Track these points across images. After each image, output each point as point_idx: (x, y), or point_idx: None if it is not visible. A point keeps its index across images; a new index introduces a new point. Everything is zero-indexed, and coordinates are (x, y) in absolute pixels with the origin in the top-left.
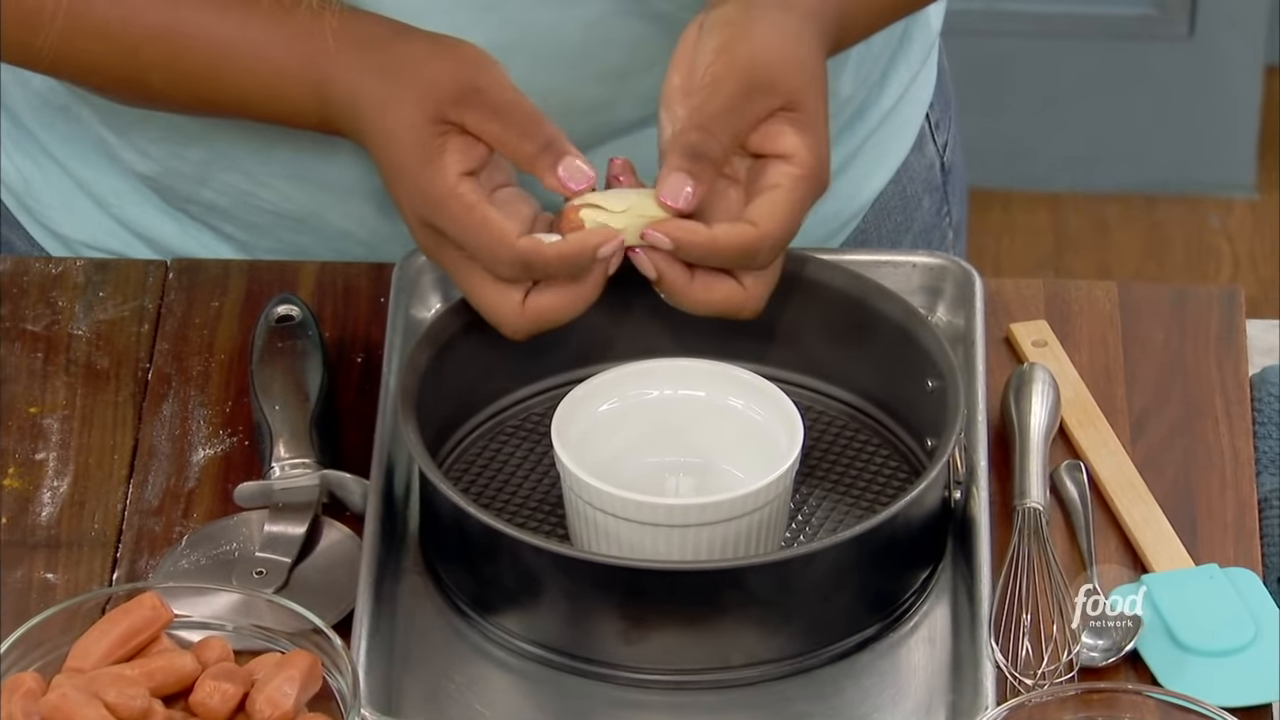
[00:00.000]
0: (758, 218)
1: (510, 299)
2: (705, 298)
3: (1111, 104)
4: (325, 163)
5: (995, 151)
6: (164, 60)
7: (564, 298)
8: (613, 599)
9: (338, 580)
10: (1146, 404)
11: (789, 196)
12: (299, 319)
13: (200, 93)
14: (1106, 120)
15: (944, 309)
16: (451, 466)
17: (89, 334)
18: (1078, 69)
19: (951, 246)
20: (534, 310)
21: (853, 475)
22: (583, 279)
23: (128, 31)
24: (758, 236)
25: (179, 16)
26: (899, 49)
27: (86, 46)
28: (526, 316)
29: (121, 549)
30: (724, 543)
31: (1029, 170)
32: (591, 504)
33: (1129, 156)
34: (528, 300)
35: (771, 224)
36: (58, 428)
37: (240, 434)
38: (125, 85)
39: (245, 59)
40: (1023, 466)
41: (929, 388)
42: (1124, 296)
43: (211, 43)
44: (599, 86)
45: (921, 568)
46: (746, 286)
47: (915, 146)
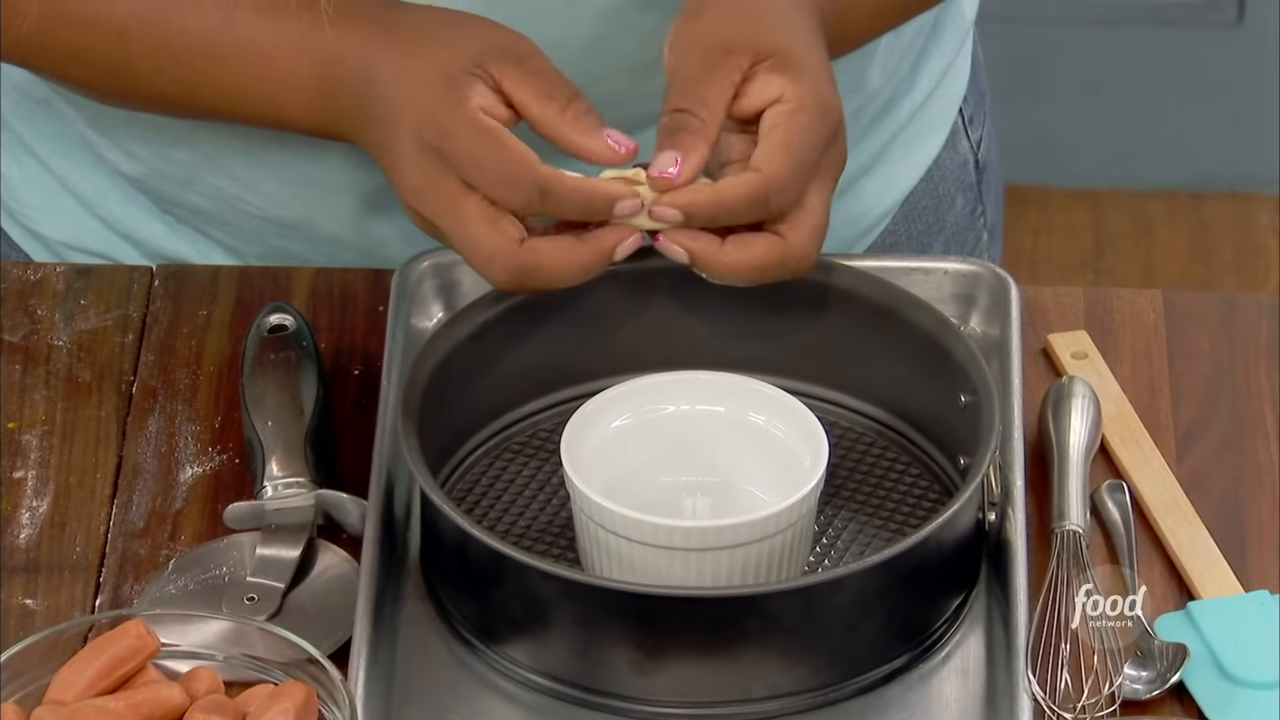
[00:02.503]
0: (761, 162)
1: (507, 233)
2: (745, 259)
3: (1155, 95)
4: (316, 166)
5: (1031, 145)
6: (152, 46)
7: (563, 251)
8: (625, 627)
9: (334, 607)
10: (1193, 419)
11: (787, 132)
12: (293, 329)
13: (190, 79)
14: (1150, 112)
15: (978, 319)
16: (455, 486)
17: (70, 344)
18: (1119, 57)
19: (986, 249)
20: (530, 251)
21: (881, 496)
22: (587, 240)
23: (114, 16)
24: (763, 180)
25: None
26: (930, 38)
27: (70, 36)
28: (519, 257)
29: (105, 573)
30: (744, 568)
31: (1067, 165)
32: (603, 526)
33: (1174, 151)
34: (527, 241)
35: (774, 164)
36: (37, 444)
37: (230, 451)
38: (111, 76)
39: (239, 39)
40: (1061, 486)
41: (962, 403)
42: (1169, 305)
43: (202, 24)
44: (614, 81)
45: (954, 594)
46: (785, 235)
47: (948, 143)
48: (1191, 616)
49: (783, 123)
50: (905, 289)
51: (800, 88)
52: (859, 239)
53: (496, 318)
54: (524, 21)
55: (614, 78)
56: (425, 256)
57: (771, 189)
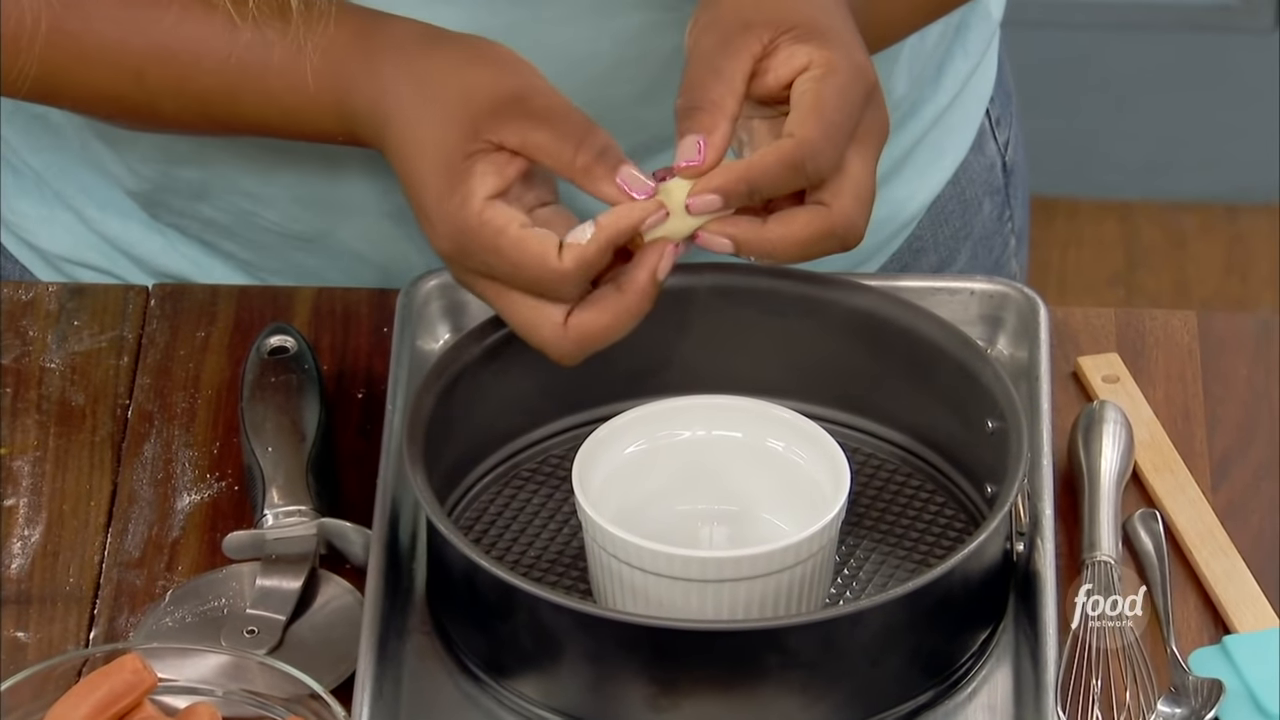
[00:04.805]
0: (793, 127)
1: (550, 319)
2: (790, 233)
3: (1189, 102)
4: (333, 183)
5: (1060, 155)
6: (173, 85)
7: (608, 312)
8: (639, 662)
9: (337, 640)
10: (1229, 446)
11: (817, 95)
12: (294, 350)
13: (215, 115)
14: (1183, 120)
15: (1005, 341)
16: (462, 515)
17: (63, 367)
18: (1152, 64)
19: (1014, 255)
20: (577, 329)
21: (904, 525)
22: (625, 286)
23: (129, 54)
24: (795, 144)
25: (183, 34)
26: (955, 39)
27: (89, 74)
28: (570, 337)
29: (99, 605)
30: (763, 600)
31: (1097, 176)
32: (616, 556)
33: (1208, 161)
34: (570, 319)
35: (807, 128)
36: (29, 471)
37: (229, 478)
38: (137, 113)
39: (259, 78)
40: (1092, 516)
41: (989, 429)
42: (1204, 327)
43: (223, 63)
44: (634, 105)
45: (980, 628)
46: (828, 203)
47: (975, 145)
48: (1227, 651)
49: (811, 87)
50: (930, 310)
51: (829, 52)
52: (885, 244)
53: (505, 340)
54: (544, 51)
55: (631, 103)
56: (431, 276)
57: (806, 153)
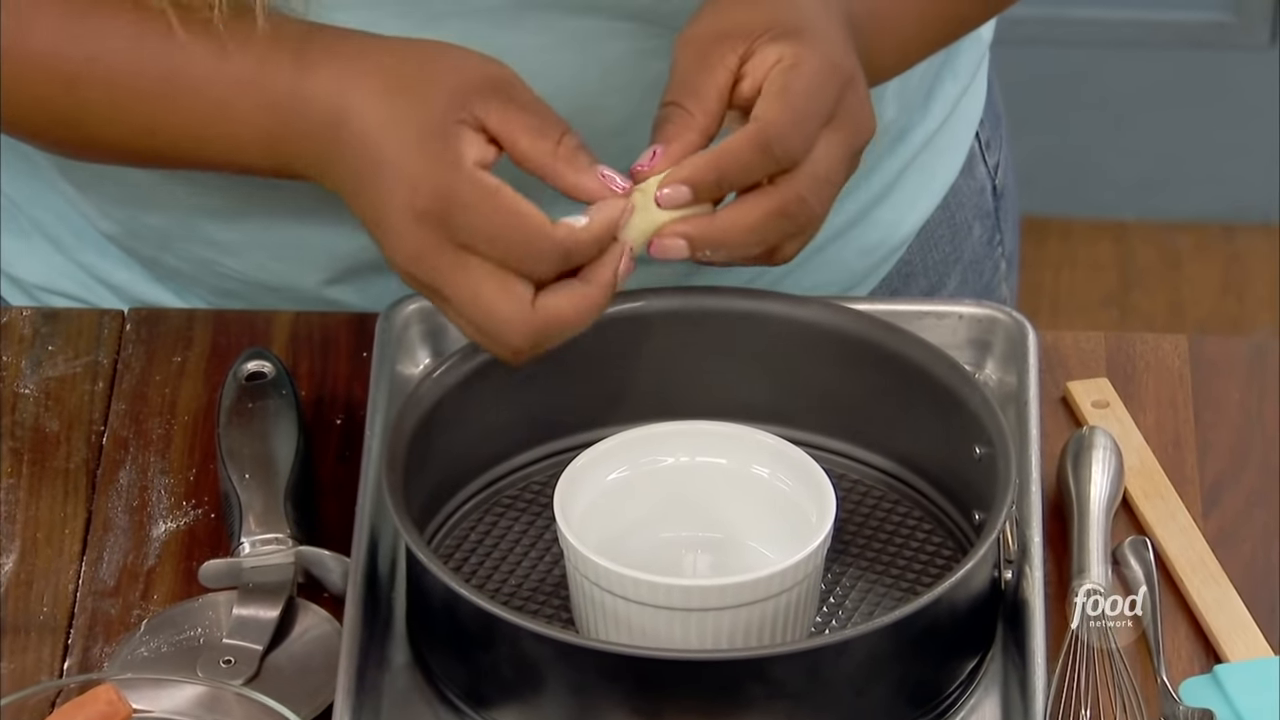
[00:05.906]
0: (759, 112)
1: (522, 298)
2: (739, 218)
3: (1184, 120)
4: (297, 225)
5: (1053, 175)
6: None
7: (576, 298)
8: (623, 692)
9: (315, 670)
10: (1220, 473)
11: (783, 84)
12: (271, 376)
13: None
14: (1178, 139)
15: (993, 365)
16: (442, 543)
17: (36, 392)
18: (1147, 81)
19: (1005, 279)
20: (544, 311)
21: (891, 553)
22: (589, 279)
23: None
24: (759, 127)
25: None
26: (945, 62)
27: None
28: (536, 320)
29: (73, 634)
30: (747, 629)
31: (1091, 196)
32: (599, 585)
33: (1204, 180)
34: (539, 300)
35: (772, 111)
36: (2, 498)
37: (206, 505)
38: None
39: (191, 91)
40: (1081, 543)
41: (977, 455)
42: (1195, 351)
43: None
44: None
45: (968, 657)
46: (779, 183)
47: (964, 169)
48: (1218, 680)
49: (778, 76)
50: (917, 334)
51: (800, 47)
52: (874, 269)
53: (486, 365)
54: (529, 78)
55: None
56: (411, 300)
57: (771, 134)
